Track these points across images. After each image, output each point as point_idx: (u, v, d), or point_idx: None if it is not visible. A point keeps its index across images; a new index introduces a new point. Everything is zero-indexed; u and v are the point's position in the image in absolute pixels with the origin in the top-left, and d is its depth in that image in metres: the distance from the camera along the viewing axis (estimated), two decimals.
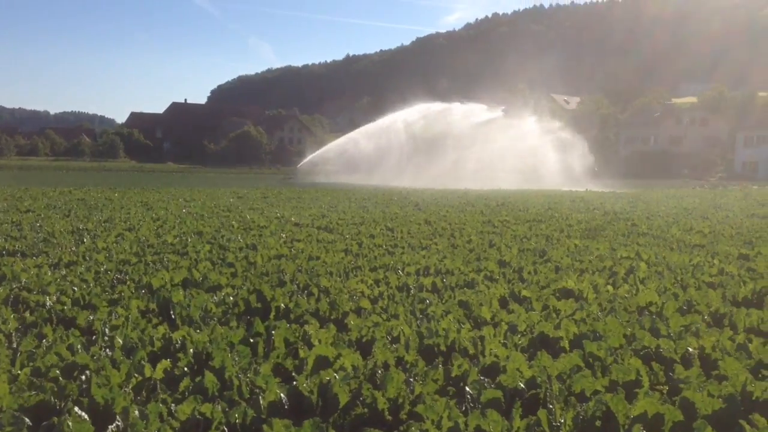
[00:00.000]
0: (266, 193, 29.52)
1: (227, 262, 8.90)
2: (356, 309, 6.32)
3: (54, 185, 32.77)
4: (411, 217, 17.26)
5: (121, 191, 28.26)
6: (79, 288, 6.88)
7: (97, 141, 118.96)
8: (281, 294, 6.55)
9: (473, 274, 8.18)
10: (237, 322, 5.78)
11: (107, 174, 66.49)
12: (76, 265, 8.67)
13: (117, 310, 5.99)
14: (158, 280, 7.31)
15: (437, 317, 5.97)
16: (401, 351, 4.77)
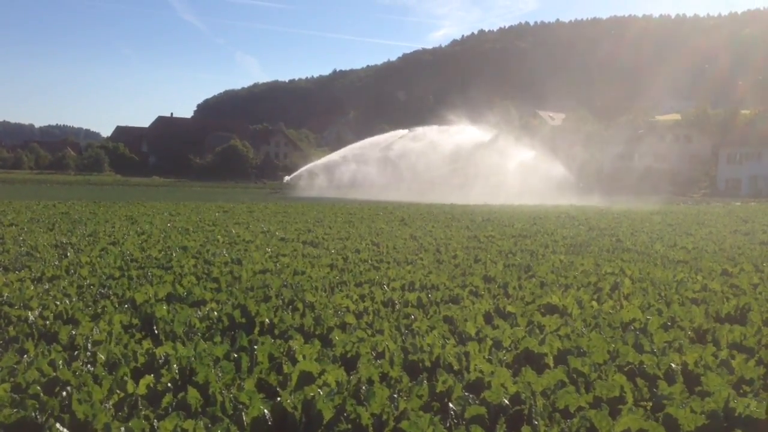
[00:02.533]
0: (252, 207, 29.40)
1: (212, 277, 8.85)
2: (341, 324, 6.30)
3: (38, 199, 32.45)
4: (396, 231, 17.25)
5: (105, 205, 28.04)
6: (61, 302, 6.81)
7: (82, 155, 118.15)
8: (266, 309, 6.52)
9: (458, 289, 8.18)
10: (221, 337, 5.75)
11: (92, 188, 66.03)
12: (59, 279, 8.58)
13: (100, 324, 5.94)
14: (142, 294, 7.26)
15: (422, 333, 5.96)
16: (386, 366, 4.76)
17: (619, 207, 35.11)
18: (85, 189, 60.78)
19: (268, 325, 6.20)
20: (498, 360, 5.13)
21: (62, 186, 69.33)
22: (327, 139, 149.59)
